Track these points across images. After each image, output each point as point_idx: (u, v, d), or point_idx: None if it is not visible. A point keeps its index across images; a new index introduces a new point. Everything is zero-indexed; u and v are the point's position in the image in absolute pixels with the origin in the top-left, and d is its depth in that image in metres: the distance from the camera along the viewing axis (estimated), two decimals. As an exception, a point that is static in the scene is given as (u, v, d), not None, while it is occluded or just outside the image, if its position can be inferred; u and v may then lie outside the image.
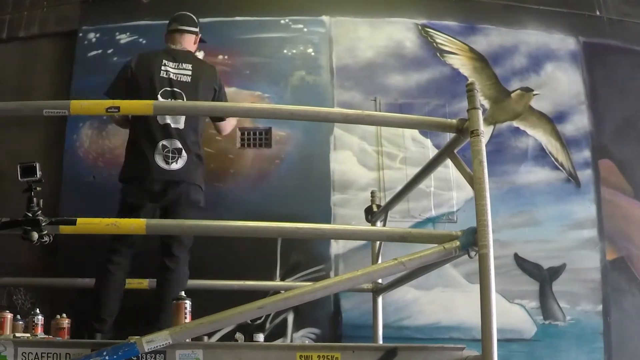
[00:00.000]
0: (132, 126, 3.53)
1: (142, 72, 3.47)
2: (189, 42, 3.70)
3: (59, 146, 4.41)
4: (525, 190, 4.51)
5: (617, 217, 4.55)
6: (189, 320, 2.84)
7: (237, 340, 3.80)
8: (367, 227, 3.84)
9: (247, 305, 2.28)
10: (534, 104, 4.70)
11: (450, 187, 4.41)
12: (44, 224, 2.20)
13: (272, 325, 4.12)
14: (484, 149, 2.40)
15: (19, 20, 4.78)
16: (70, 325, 3.09)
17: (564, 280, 4.36)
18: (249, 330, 3.88)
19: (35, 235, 2.20)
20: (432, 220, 4.39)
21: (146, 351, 2.20)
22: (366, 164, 4.47)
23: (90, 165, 4.38)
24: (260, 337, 3.66)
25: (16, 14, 4.79)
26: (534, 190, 4.52)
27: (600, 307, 4.32)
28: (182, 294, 2.96)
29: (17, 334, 2.78)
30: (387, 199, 3.96)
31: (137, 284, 3.61)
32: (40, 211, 2.23)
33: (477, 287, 2.25)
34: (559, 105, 4.72)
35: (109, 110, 2.51)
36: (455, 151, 2.65)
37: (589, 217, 4.49)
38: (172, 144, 3.37)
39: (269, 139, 4.46)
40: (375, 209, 3.88)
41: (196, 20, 3.78)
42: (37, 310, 3.07)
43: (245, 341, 3.75)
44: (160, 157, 3.34)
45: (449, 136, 2.69)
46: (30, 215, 2.21)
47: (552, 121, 4.68)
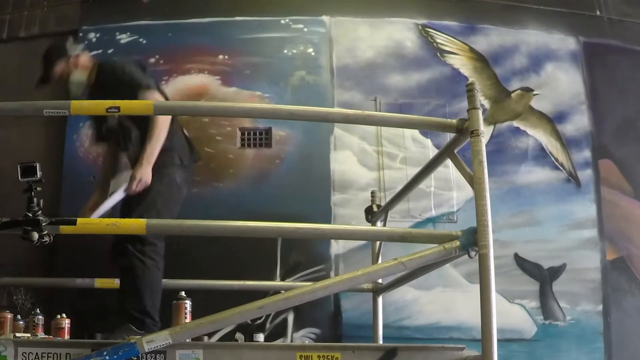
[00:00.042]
0: None
1: None
2: None
3: (59, 146, 4.41)
4: (525, 190, 4.51)
5: (617, 217, 4.55)
6: (189, 320, 2.84)
7: (237, 340, 3.80)
8: (367, 227, 3.83)
9: (247, 305, 2.27)
10: (534, 104, 4.71)
11: (450, 187, 4.41)
12: (44, 224, 2.20)
13: (272, 325, 4.12)
14: (484, 149, 2.40)
15: (19, 20, 4.78)
16: (70, 325, 3.10)
17: (564, 280, 4.36)
18: (249, 330, 3.88)
19: (35, 235, 2.19)
20: (432, 220, 4.39)
21: (146, 351, 2.20)
22: (366, 164, 4.48)
23: (90, 165, 4.38)
24: (260, 337, 3.66)
25: (16, 14, 4.79)
26: (534, 190, 4.52)
27: (600, 307, 4.32)
28: (182, 293, 2.96)
29: (18, 334, 2.78)
30: (387, 199, 3.96)
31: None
32: (40, 211, 2.22)
33: (477, 287, 2.25)
34: (559, 105, 4.72)
35: (109, 110, 2.51)
36: (455, 151, 2.65)
37: (589, 217, 4.49)
38: None
39: (269, 139, 4.46)
40: (375, 209, 3.88)
41: None
42: (38, 310, 3.08)
43: (245, 341, 3.75)
44: None
45: (449, 136, 2.69)
46: (30, 215, 2.20)
47: (552, 121, 4.68)
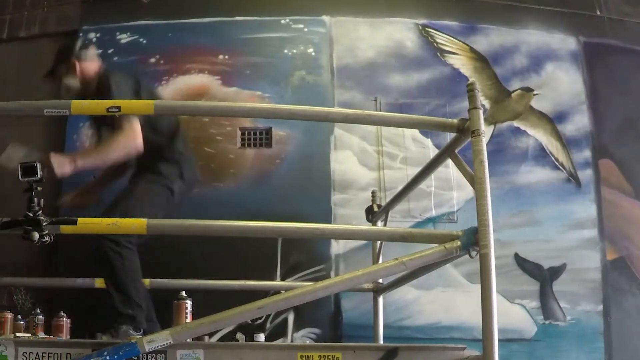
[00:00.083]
0: None
1: None
2: None
3: (60, 146, 4.41)
4: (525, 190, 4.51)
5: (618, 217, 4.55)
6: (189, 320, 2.85)
7: (237, 340, 3.80)
8: (368, 227, 3.83)
9: (247, 305, 2.27)
10: (535, 103, 4.71)
11: (450, 187, 4.41)
12: (44, 224, 2.20)
13: (272, 325, 4.12)
14: (484, 148, 2.39)
15: (19, 20, 4.78)
16: (70, 324, 3.10)
17: (564, 280, 4.36)
18: (249, 330, 3.88)
19: (36, 235, 2.19)
20: (432, 220, 4.39)
21: (147, 351, 2.20)
22: (367, 164, 4.48)
23: (90, 165, 4.38)
24: (260, 337, 3.67)
25: (17, 14, 4.79)
26: (534, 190, 4.52)
27: (600, 307, 4.32)
28: (183, 293, 2.96)
29: (18, 334, 2.79)
30: (388, 198, 3.96)
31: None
32: (41, 211, 2.22)
33: (478, 287, 2.25)
34: (560, 105, 4.72)
35: (109, 110, 2.51)
36: (455, 151, 2.65)
37: (589, 217, 4.49)
38: None
39: (270, 138, 4.46)
40: (375, 209, 3.88)
41: None
42: (38, 310, 3.08)
43: (246, 341, 3.76)
44: None
45: (450, 136, 2.69)
46: (31, 215, 2.20)
47: (552, 121, 4.68)
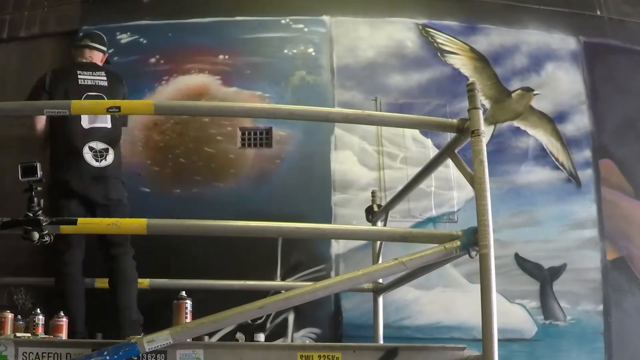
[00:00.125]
0: (53, 133, 3.60)
1: (58, 84, 3.59)
2: (97, 58, 3.87)
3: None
4: (525, 190, 4.51)
5: (618, 217, 4.55)
6: (189, 320, 2.84)
7: (237, 340, 3.80)
8: (368, 227, 3.83)
9: (247, 305, 2.28)
10: (535, 103, 4.70)
11: (450, 187, 4.41)
12: (44, 224, 2.20)
13: (272, 325, 4.12)
14: (484, 148, 2.40)
15: (19, 20, 4.78)
16: (68, 323, 3.09)
17: (564, 280, 4.36)
18: (249, 330, 3.88)
19: (36, 235, 2.20)
20: (432, 220, 4.39)
21: (147, 351, 2.20)
22: (367, 164, 4.48)
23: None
24: (261, 337, 3.67)
25: (17, 14, 4.79)
26: (534, 190, 4.52)
27: (600, 307, 4.32)
28: (183, 293, 2.96)
29: (18, 334, 2.78)
30: (388, 198, 3.96)
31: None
32: (41, 211, 2.23)
33: (478, 287, 2.25)
34: (560, 105, 4.72)
35: (109, 110, 2.51)
36: (455, 151, 2.65)
37: (589, 217, 4.49)
38: (99, 145, 3.50)
39: (270, 138, 4.46)
40: (375, 209, 3.88)
41: (105, 40, 3.96)
42: (38, 310, 3.07)
43: (246, 341, 3.75)
44: (89, 157, 3.46)
45: (450, 136, 2.69)
46: (31, 215, 2.21)
47: (552, 121, 4.68)
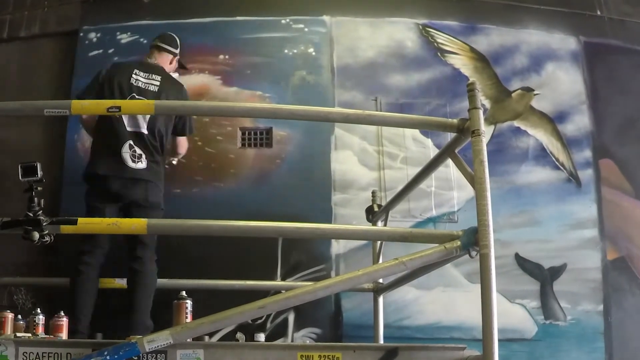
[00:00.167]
0: (97, 131, 3.62)
1: (112, 78, 3.58)
2: (165, 60, 3.83)
3: (60, 146, 4.41)
4: (526, 190, 4.51)
5: (618, 217, 4.55)
6: (189, 320, 2.84)
7: (238, 340, 3.80)
8: (368, 227, 3.84)
9: (248, 305, 2.28)
10: (535, 103, 4.70)
11: (451, 187, 4.41)
12: (45, 224, 2.20)
13: (273, 325, 4.12)
14: (484, 148, 2.40)
15: (20, 20, 4.78)
16: (68, 323, 3.09)
17: (564, 280, 4.36)
18: (250, 330, 3.88)
19: (36, 235, 2.19)
20: (433, 220, 4.39)
21: (147, 351, 2.20)
22: (367, 164, 4.47)
23: (91, 165, 4.38)
24: (261, 336, 3.67)
25: (17, 14, 4.79)
26: (534, 190, 4.52)
27: (601, 307, 4.32)
28: (183, 293, 2.96)
29: (18, 334, 2.78)
30: (388, 198, 3.96)
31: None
32: (41, 211, 2.23)
33: (478, 287, 2.25)
34: (560, 105, 4.72)
35: (109, 110, 2.51)
36: (456, 151, 2.65)
37: (589, 217, 4.49)
38: (138, 148, 3.49)
39: (270, 138, 4.46)
40: (376, 209, 3.88)
41: (178, 43, 3.92)
42: (38, 310, 3.07)
43: (246, 341, 3.75)
44: (127, 156, 3.44)
45: (450, 136, 2.69)
46: (31, 215, 2.21)
47: (552, 121, 4.68)
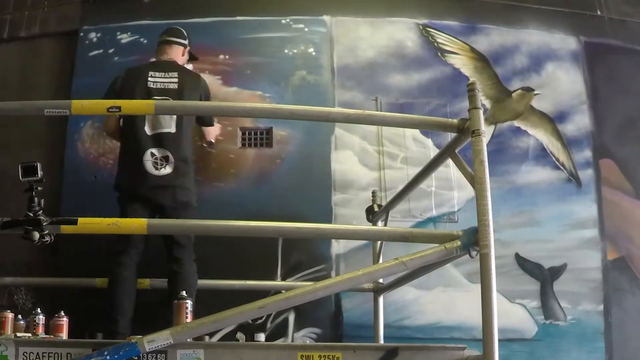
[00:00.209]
0: (122, 137, 3.66)
1: (129, 84, 3.60)
2: (177, 54, 3.84)
3: (60, 146, 4.41)
4: (526, 190, 4.51)
5: (618, 217, 4.55)
6: (190, 319, 2.84)
7: (238, 340, 3.80)
8: (368, 227, 3.84)
9: (248, 305, 2.28)
10: (535, 103, 4.70)
11: (451, 187, 4.41)
12: (45, 224, 2.20)
13: (273, 325, 4.12)
14: (485, 148, 2.40)
15: (20, 20, 4.78)
16: (69, 323, 3.09)
17: (565, 280, 4.36)
18: (250, 330, 3.88)
19: (36, 235, 2.20)
20: (433, 220, 4.39)
21: (147, 351, 2.20)
22: (367, 164, 4.47)
23: (91, 164, 4.39)
24: (261, 336, 3.66)
25: (17, 14, 4.79)
26: (535, 190, 4.52)
27: (601, 307, 4.32)
28: (183, 293, 2.96)
29: (18, 334, 2.79)
30: (388, 198, 3.96)
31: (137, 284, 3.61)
32: (41, 211, 2.23)
33: (478, 287, 2.25)
34: (560, 105, 4.72)
35: (110, 110, 2.51)
36: (456, 151, 2.65)
37: (590, 216, 4.49)
38: (160, 152, 3.49)
39: (270, 138, 4.46)
40: (376, 209, 3.88)
41: (185, 34, 3.92)
42: (38, 309, 3.07)
43: (246, 341, 3.75)
44: (149, 164, 3.46)
45: (450, 136, 2.69)
46: (31, 215, 2.21)
47: (553, 121, 4.68)
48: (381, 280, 3.66)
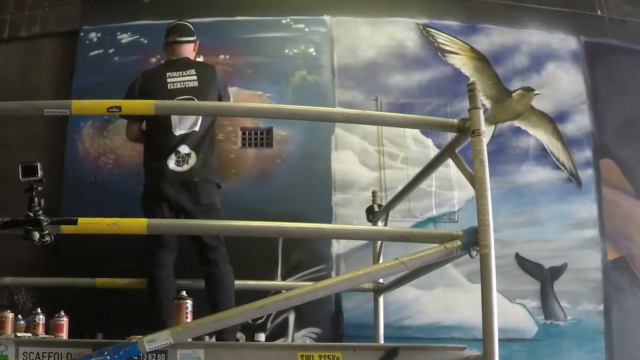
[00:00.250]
0: (149, 139, 3.57)
1: (149, 88, 3.51)
2: (189, 51, 3.73)
3: (60, 146, 4.41)
4: (526, 189, 4.51)
5: (618, 217, 4.55)
6: (190, 319, 2.84)
7: (238, 340, 3.80)
8: (369, 226, 3.83)
9: (248, 305, 2.27)
10: (535, 103, 4.70)
11: (451, 187, 4.41)
12: (45, 224, 2.20)
13: (273, 325, 4.12)
14: (485, 148, 2.40)
15: (20, 19, 4.79)
16: (68, 322, 3.10)
17: (565, 279, 4.36)
18: (250, 330, 3.88)
19: (36, 235, 2.19)
20: (433, 219, 4.39)
21: (147, 351, 2.20)
22: (367, 164, 4.47)
23: (91, 164, 4.39)
24: (261, 336, 3.67)
25: (17, 14, 4.80)
26: (535, 189, 4.52)
27: (601, 307, 4.32)
28: (184, 293, 2.97)
29: (19, 334, 2.79)
30: (389, 198, 3.96)
31: (137, 284, 3.60)
32: (41, 211, 2.22)
33: (478, 287, 2.25)
34: (560, 105, 4.72)
35: (110, 109, 2.51)
36: (456, 151, 2.65)
37: (590, 216, 4.49)
38: (184, 150, 3.43)
39: (270, 138, 4.46)
40: (376, 209, 3.88)
41: (193, 28, 3.79)
42: (39, 309, 3.08)
43: (246, 341, 3.75)
44: (172, 162, 3.40)
45: (450, 136, 2.69)
46: (31, 215, 2.20)
47: (553, 121, 4.68)
48: (381, 280, 3.66)
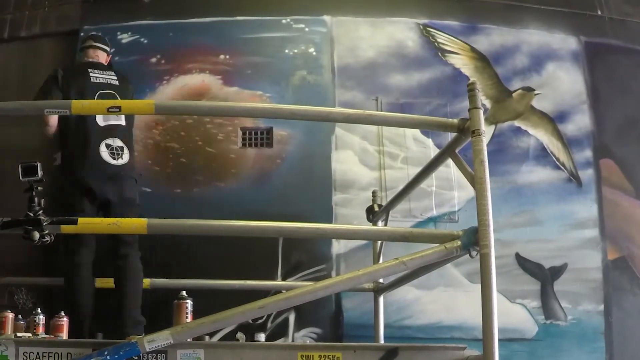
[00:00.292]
0: (67, 131, 3.55)
1: (73, 80, 3.58)
2: (102, 58, 3.87)
3: (60, 146, 4.40)
4: (526, 189, 4.51)
5: (619, 217, 4.55)
6: (190, 319, 2.84)
7: (238, 339, 3.80)
8: (369, 226, 3.83)
9: (248, 305, 2.27)
10: (536, 103, 4.70)
11: (451, 187, 4.41)
12: (45, 224, 2.20)
13: (273, 325, 4.12)
14: (485, 148, 2.39)
15: (20, 19, 4.79)
16: (69, 323, 3.09)
17: (565, 279, 4.36)
18: (250, 329, 3.88)
19: (36, 234, 2.19)
20: (433, 219, 4.39)
21: (147, 351, 2.20)
22: (367, 164, 4.47)
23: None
24: (261, 336, 3.66)
25: (18, 14, 4.80)
26: (535, 189, 4.52)
27: (601, 307, 4.32)
28: (184, 293, 2.96)
29: (19, 334, 2.79)
30: (389, 198, 3.96)
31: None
32: (41, 211, 2.22)
33: (479, 287, 2.25)
34: (561, 104, 4.72)
35: (110, 109, 2.51)
36: (456, 151, 2.65)
37: (590, 216, 4.49)
38: (115, 143, 3.50)
39: (270, 138, 4.46)
40: (376, 209, 3.88)
41: (107, 40, 3.97)
42: (39, 309, 3.07)
43: (246, 341, 3.75)
44: (106, 154, 3.45)
45: (451, 136, 2.69)
46: (31, 214, 2.20)
47: (553, 121, 4.68)
48: (381, 280, 3.66)
